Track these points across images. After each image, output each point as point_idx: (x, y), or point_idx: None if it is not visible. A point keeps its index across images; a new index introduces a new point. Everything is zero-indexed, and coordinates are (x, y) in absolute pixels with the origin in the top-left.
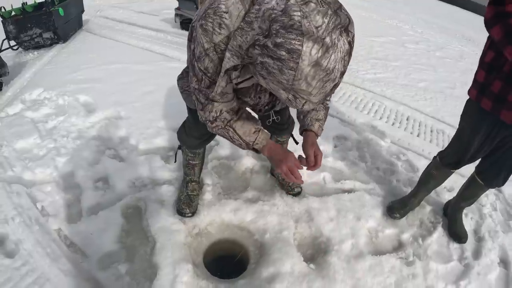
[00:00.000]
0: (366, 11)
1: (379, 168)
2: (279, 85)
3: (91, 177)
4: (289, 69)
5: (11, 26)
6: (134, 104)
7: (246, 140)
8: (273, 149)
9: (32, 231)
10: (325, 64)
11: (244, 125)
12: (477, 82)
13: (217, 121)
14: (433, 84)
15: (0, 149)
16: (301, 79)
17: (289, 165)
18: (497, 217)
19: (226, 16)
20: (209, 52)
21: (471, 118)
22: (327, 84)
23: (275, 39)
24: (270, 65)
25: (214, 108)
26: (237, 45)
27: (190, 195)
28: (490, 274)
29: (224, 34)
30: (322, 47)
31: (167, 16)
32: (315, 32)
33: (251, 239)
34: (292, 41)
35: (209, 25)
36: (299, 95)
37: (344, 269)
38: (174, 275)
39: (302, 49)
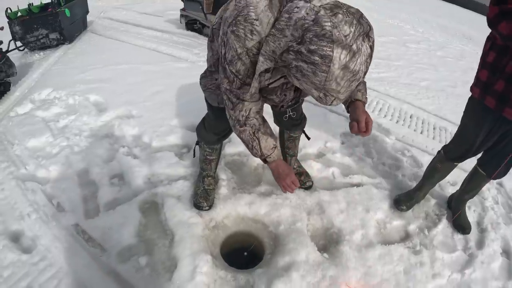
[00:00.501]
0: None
1: (385, 164)
2: (312, 85)
3: (107, 174)
4: (321, 71)
5: (17, 27)
6: (145, 103)
7: (264, 152)
8: (280, 165)
9: (49, 227)
10: (352, 66)
11: (267, 141)
12: (480, 81)
13: (246, 126)
14: (435, 83)
15: (12, 148)
16: (332, 80)
17: (293, 179)
18: (499, 210)
19: (256, 23)
20: (242, 56)
21: (474, 115)
22: (353, 83)
23: (309, 46)
24: (304, 68)
25: (244, 107)
26: (271, 50)
27: (206, 189)
28: (493, 263)
29: (256, 40)
30: (349, 53)
31: (171, 17)
32: (344, 40)
33: (265, 231)
34: (324, 48)
35: (241, 31)
36: (329, 93)
37: (355, 258)
38: (194, 265)
39: (333, 55)
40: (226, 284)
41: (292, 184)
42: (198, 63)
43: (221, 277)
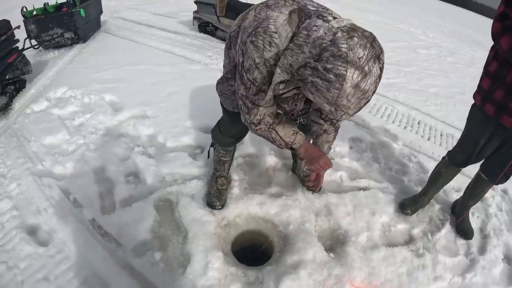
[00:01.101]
0: (378, 16)
1: (392, 169)
2: (324, 99)
3: (122, 172)
4: (335, 88)
5: (32, 25)
6: (160, 104)
7: (286, 141)
8: (309, 148)
9: (66, 221)
10: (363, 86)
11: (284, 128)
12: (481, 88)
13: (260, 124)
14: (444, 90)
15: (29, 144)
16: (343, 97)
17: (325, 160)
18: (502, 217)
19: (275, 36)
20: (259, 66)
21: (476, 121)
22: (362, 101)
23: (325, 65)
24: (319, 84)
25: (259, 112)
26: (288, 64)
27: (220, 189)
28: (495, 268)
29: (274, 52)
30: (361, 73)
31: (184, 19)
32: (357, 62)
33: (275, 230)
34: (339, 67)
35: (260, 42)
36: (340, 108)
37: (360, 258)
38: (206, 261)
39: (346, 74)
40: (236, 280)
41: (325, 165)
42: (211, 66)
43: (231, 273)
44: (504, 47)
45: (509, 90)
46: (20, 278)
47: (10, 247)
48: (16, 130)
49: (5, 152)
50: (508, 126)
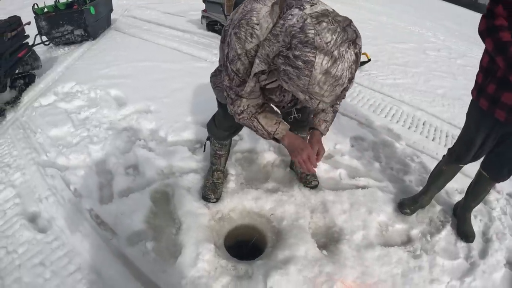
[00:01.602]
0: (389, 18)
1: (393, 168)
2: (297, 88)
3: (122, 164)
4: (304, 76)
5: (43, 22)
6: (164, 99)
7: (268, 130)
8: (292, 138)
9: (65, 210)
10: (333, 72)
11: (266, 117)
12: (477, 83)
13: (243, 114)
14: (452, 91)
15: (35, 136)
16: (315, 84)
17: (309, 153)
18: (506, 221)
19: (257, 27)
20: (241, 56)
21: (473, 117)
22: (336, 88)
23: (294, 52)
24: (290, 72)
25: (242, 103)
26: (265, 54)
27: (215, 183)
28: (496, 273)
29: (255, 43)
30: (331, 59)
31: (193, 18)
32: (325, 47)
33: (269, 226)
34: (307, 54)
35: (242, 34)
36: (314, 96)
37: (354, 257)
38: (197, 253)
39: (315, 61)
40: (226, 273)
41: (309, 158)
42: (217, 63)
43: (222, 266)
44: (488, 48)
45: (500, 84)
46: (18, 262)
47: (10, 233)
48: (24, 122)
49: (12, 143)
50: (501, 119)
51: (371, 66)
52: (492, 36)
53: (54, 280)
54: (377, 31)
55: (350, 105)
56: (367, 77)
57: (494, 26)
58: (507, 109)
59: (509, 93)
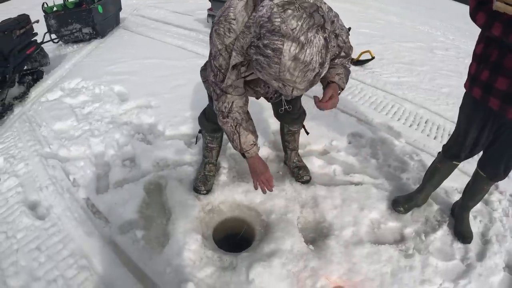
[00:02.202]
0: (398, 17)
1: (390, 166)
2: (270, 76)
3: (120, 156)
4: (274, 63)
5: (52, 20)
6: (165, 95)
7: (243, 147)
8: (257, 161)
9: (63, 198)
10: (302, 57)
11: (247, 137)
12: (469, 74)
13: (228, 118)
14: (457, 90)
15: (40, 129)
16: (285, 71)
17: (267, 177)
18: (508, 223)
19: (234, 22)
20: (222, 52)
21: (466, 109)
22: (307, 74)
23: (263, 41)
24: (261, 61)
25: (227, 99)
26: (240, 46)
27: (206, 175)
28: (493, 277)
29: (233, 37)
30: (298, 45)
31: (200, 17)
32: (291, 33)
33: (258, 219)
34: (275, 42)
35: (221, 30)
36: (286, 83)
37: (341, 253)
38: (184, 242)
39: (283, 48)
40: (211, 263)
41: (266, 181)
42: None
43: (207, 256)
44: (479, 23)
45: (494, 69)
46: (16, 246)
47: (11, 219)
48: (30, 116)
49: (17, 135)
50: (495, 108)
51: (375, 64)
52: (484, 8)
53: (48, 264)
54: (385, 30)
55: (351, 102)
56: (370, 74)
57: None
58: (501, 96)
59: (503, 78)
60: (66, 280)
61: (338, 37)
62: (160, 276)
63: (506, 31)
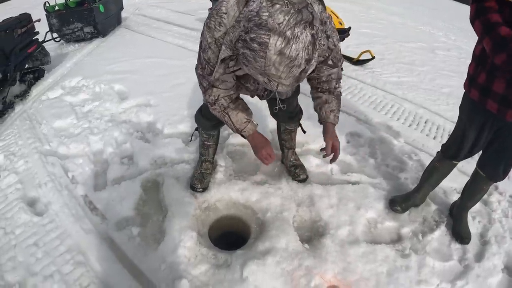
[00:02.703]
0: (401, 18)
1: (389, 165)
2: (256, 70)
3: (118, 154)
4: (260, 57)
5: (54, 19)
6: (164, 94)
7: (236, 127)
8: (256, 137)
9: (62, 195)
10: (288, 52)
11: (238, 115)
12: (469, 73)
13: (215, 105)
14: (458, 90)
15: (40, 127)
16: (270, 65)
17: (268, 151)
18: (507, 224)
19: (225, 16)
20: (211, 45)
21: (465, 110)
22: (293, 69)
23: (250, 35)
24: (248, 55)
25: (213, 92)
26: (230, 40)
27: (203, 173)
28: (491, 278)
29: (223, 31)
30: (284, 40)
31: (201, 16)
32: (277, 28)
33: (254, 217)
34: (262, 36)
35: (212, 23)
36: (272, 78)
37: (336, 252)
38: (179, 240)
39: (269, 42)
40: (205, 261)
41: (268, 156)
42: None
43: (202, 254)
44: (476, 32)
45: (491, 72)
46: (14, 242)
47: (9, 215)
48: (31, 114)
49: (18, 133)
50: (493, 111)
51: (376, 64)
52: (481, 18)
53: (45, 260)
54: (387, 30)
55: (350, 102)
56: (370, 74)
57: (483, 8)
58: (498, 99)
59: (500, 81)
60: (63, 276)
61: (329, 38)
62: (154, 273)
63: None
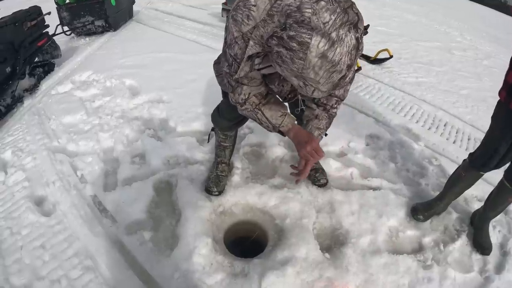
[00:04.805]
0: (415, 15)
1: (409, 170)
2: (291, 72)
3: (129, 152)
4: (299, 59)
5: (65, 13)
6: (177, 90)
7: (273, 123)
8: (298, 131)
9: (70, 195)
10: (330, 56)
11: (272, 109)
12: (507, 83)
13: (246, 104)
14: (476, 92)
15: (49, 122)
16: (309, 69)
17: (314, 146)
18: None
19: (254, 9)
20: (238, 40)
21: (500, 120)
22: (333, 75)
23: (289, 32)
24: (284, 54)
25: (243, 91)
26: (260, 35)
27: (219, 175)
28: None
29: (251, 25)
30: (328, 41)
31: (214, 11)
32: (322, 28)
33: (271, 223)
34: (303, 35)
35: (239, 16)
36: (308, 82)
37: (358, 263)
38: (194, 246)
39: (310, 42)
40: (221, 269)
41: (313, 152)
42: None
43: (218, 262)
44: None
45: None
46: (20, 243)
47: (16, 215)
48: (40, 109)
49: (26, 128)
50: None
51: (393, 63)
52: None
53: (52, 264)
54: (401, 28)
55: (368, 102)
56: (388, 74)
57: None
58: None
59: None
60: (70, 281)
61: None
62: (167, 281)
63: None
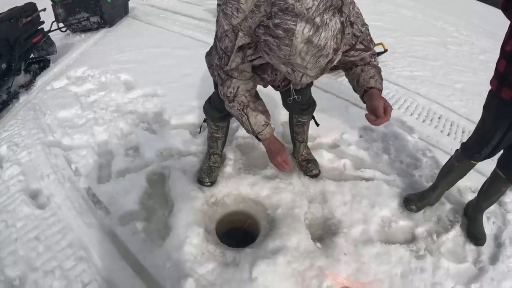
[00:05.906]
0: (410, 10)
1: (403, 162)
2: (279, 59)
3: (124, 145)
4: (285, 45)
5: (60, 9)
6: (171, 84)
7: (254, 129)
8: (272, 142)
9: (64, 187)
10: (316, 41)
11: (257, 117)
12: (498, 71)
13: (234, 102)
14: (471, 86)
15: (44, 117)
16: (296, 54)
17: (284, 158)
18: None
19: (243, 1)
20: (228, 33)
21: (492, 109)
22: (320, 59)
23: (274, 20)
24: (271, 42)
25: (232, 84)
26: (248, 26)
27: (211, 166)
28: (505, 281)
29: (241, 18)
30: (313, 27)
31: (210, 7)
32: (306, 13)
33: (263, 213)
34: (288, 22)
35: (229, 9)
36: (296, 68)
37: (350, 252)
38: (185, 236)
39: (295, 29)
40: (212, 259)
41: (283, 162)
42: None
43: (209, 251)
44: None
45: None
46: (15, 236)
47: (11, 208)
48: (35, 104)
49: (22, 123)
50: None
51: (388, 57)
52: None
53: (46, 255)
54: (396, 23)
55: None
56: (382, 67)
57: None
58: None
59: None
60: (64, 271)
61: (353, 25)
62: (159, 270)
63: None
